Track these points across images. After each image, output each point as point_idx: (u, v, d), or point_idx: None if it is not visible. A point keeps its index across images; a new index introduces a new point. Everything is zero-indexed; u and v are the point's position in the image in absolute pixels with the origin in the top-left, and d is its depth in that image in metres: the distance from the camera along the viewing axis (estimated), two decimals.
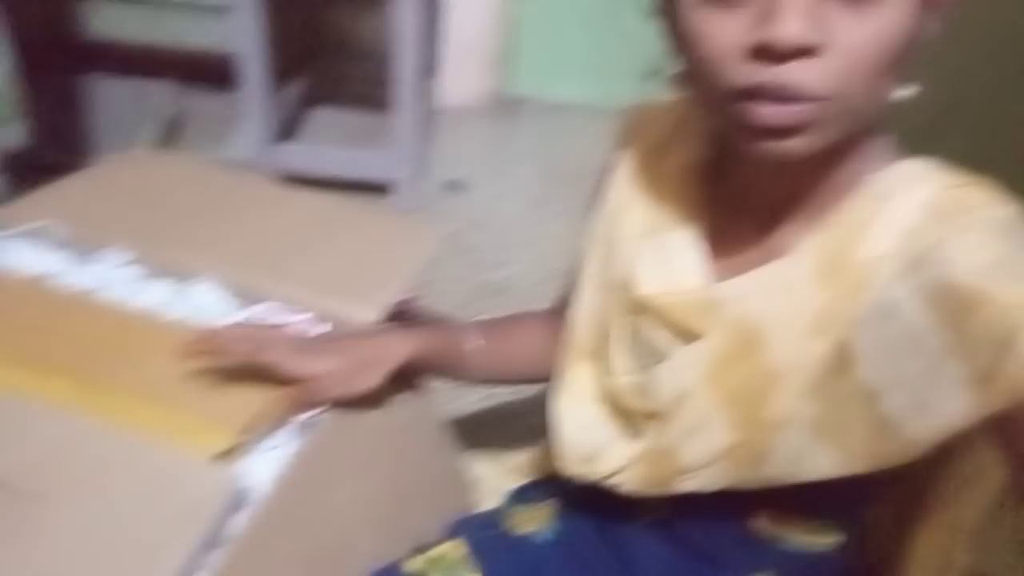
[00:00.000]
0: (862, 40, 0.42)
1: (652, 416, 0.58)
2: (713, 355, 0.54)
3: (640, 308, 0.58)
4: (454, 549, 0.64)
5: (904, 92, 0.47)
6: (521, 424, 1.06)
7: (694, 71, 0.48)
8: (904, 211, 0.49)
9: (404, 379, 0.67)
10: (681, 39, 0.48)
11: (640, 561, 0.64)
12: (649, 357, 0.59)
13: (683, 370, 0.56)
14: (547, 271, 1.40)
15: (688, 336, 0.56)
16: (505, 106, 2.14)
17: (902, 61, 0.45)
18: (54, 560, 0.46)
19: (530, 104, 2.15)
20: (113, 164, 0.93)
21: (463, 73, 2.09)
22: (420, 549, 0.64)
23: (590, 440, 0.63)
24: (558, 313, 0.71)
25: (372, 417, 0.65)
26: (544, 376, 0.71)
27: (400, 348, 0.61)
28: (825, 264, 0.50)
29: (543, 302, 1.29)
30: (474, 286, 1.37)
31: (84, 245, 0.76)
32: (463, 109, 2.08)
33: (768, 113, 0.44)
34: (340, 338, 0.61)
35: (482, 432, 1.06)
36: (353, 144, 1.79)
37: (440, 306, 1.29)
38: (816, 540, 0.59)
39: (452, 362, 0.68)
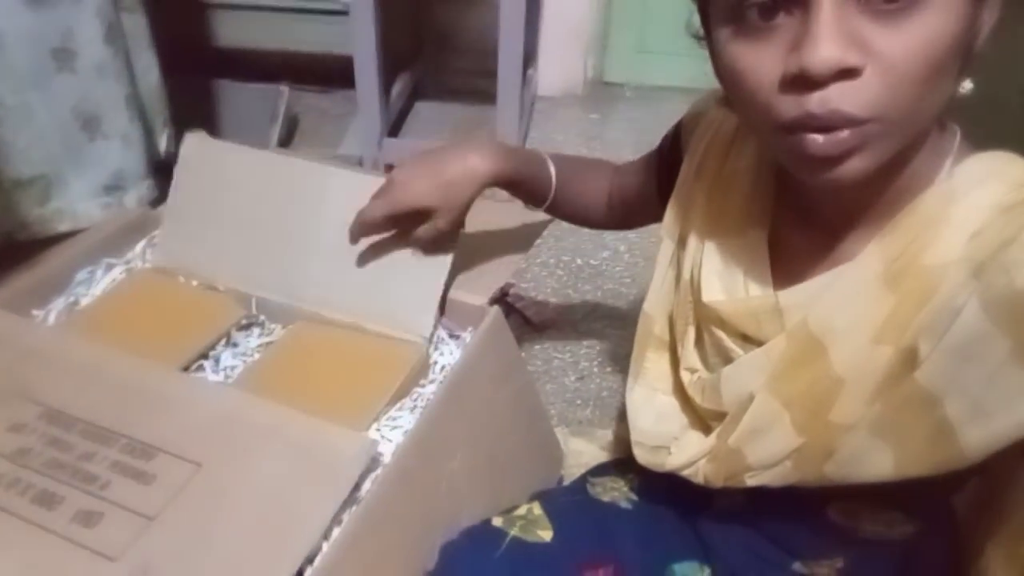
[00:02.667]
0: (903, 53, 0.40)
1: (719, 415, 0.59)
2: (777, 360, 0.54)
3: (706, 313, 0.59)
4: (531, 510, 0.68)
5: (967, 85, 0.45)
6: (614, 403, 1.12)
7: (739, 106, 0.47)
8: (973, 213, 0.47)
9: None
10: (722, 73, 0.47)
11: (715, 539, 0.66)
12: (716, 357, 0.60)
13: (748, 374, 0.56)
14: (642, 255, 1.44)
15: (754, 342, 0.56)
16: (601, 92, 2.16)
17: (955, 62, 0.43)
18: (215, 518, 0.54)
19: (626, 89, 2.17)
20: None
21: (560, 61, 2.12)
22: (505, 510, 0.68)
23: (662, 431, 0.64)
24: (620, 173, 0.80)
25: (480, 391, 0.72)
26: (596, 223, 0.85)
27: (484, 165, 0.69)
28: (891, 270, 0.49)
29: (637, 286, 1.35)
30: (570, 271, 1.42)
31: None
32: (561, 96, 2.12)
33: (818, 144, 0.42)
34: (432, 161, 0.71)
35: (578, 410, 1.13)
36: (457, 135, 1.87)
37: (537, 291, 1.36)
38: (887, 530, 0.59)
39: (530, 183, 0.75)
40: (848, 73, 0.40)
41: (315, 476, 0.57)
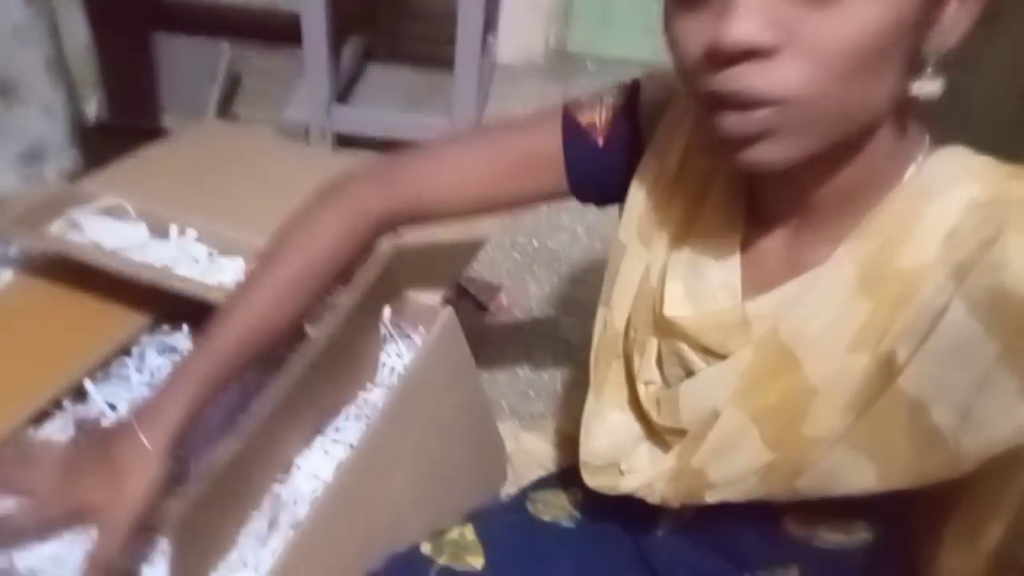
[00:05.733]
0: (827, 39, 0.39)
1: (677, 432, 0.56)
2: (745, 373, 0.51)
3: (666, 326, 0.55)
4: (463, 534, 0.64)
5: (931, 87, 0.43)
6: (575, 400, 1.09)
7: (680, 81, 0.46)
8: (948, 212, 0.45)
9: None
10: (667, 43, 0.45)
11: (661, 558, 0.63)
12: (675, 369, 0.56)
13: (710, 388, 0.53)
14: (600, 239, 1.41)
15: (717, 356, 0.53)
16: (563, 63, 2.10)
17: (895, 57, 0.41)
18: None
19: (586, 61, 2.11)
20: (182, 137, 0.97)
21: (522, 29, 2.05)
22: (436, 533, 0.64)
23: (612, 449, 0.60)
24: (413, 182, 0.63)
25: (428, 401, 0.68)
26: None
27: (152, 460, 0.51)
28: (865, 275, 0.47)
29: (594, 272, 1.31)
30: (525, 254, 1.38)
31: (157, 221, 0.80)
32: (520, 65, 2.06)
33: (730, 122, 0.42)
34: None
35: (531, 403, 1.09)
36: (412, 104, 1.80)
37: (491, 274, 1.32)
38: (846, 538, 0.57)
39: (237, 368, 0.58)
40: (762, 53, 0.39)
41: None
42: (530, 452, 0.94)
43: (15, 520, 0.51)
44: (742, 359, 0.52)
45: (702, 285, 0.54)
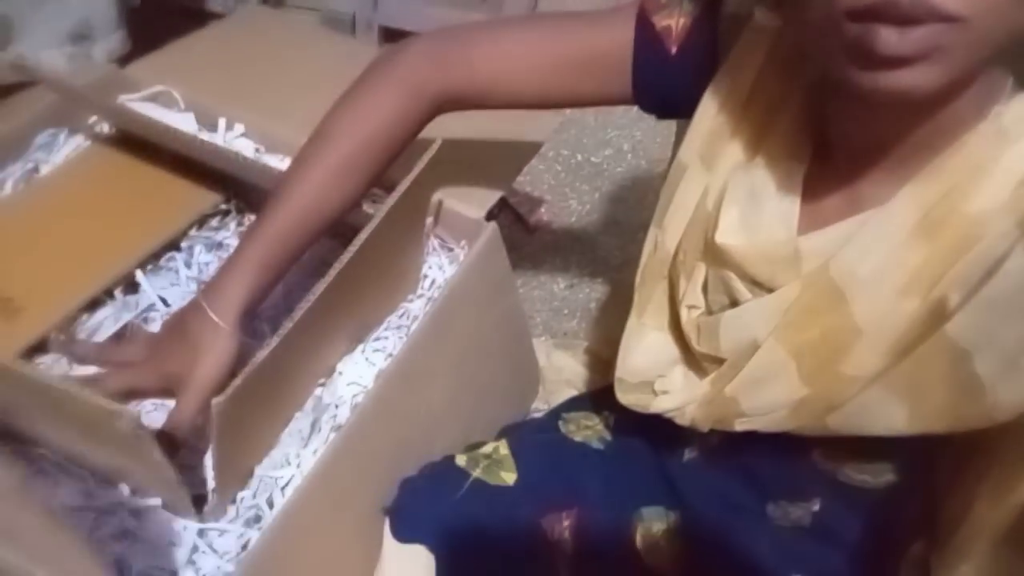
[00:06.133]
0: None
1: (717, 360, 0.56)
2: (789, 308, 0.51)
3: (717, 253, 0.54)
4: (497, 449, 0.65)
5: None
6: (610, 321, 1.09)
7: None
8: (1023, 158, 0.43)
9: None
10: None
11: (686, 482, 0.65)
12: (719, 297, 0.56)
13: (752, 320, 0.53)
14: (646, 157, 1.37)
15: (765, 287, 0.53)
16: None
17: None
18: None
19: None
20: (228, 24, 0.95)
21: None
22: (471, 446, 0.66)
23: (649, 368, 0.61)
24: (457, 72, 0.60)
25: (468, 316, 0.68)
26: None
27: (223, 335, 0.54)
28: (927, 218, 0.46)
29: (637, 191, 1.29)
30: (568, 168, 1.35)
31: (205, 113, 0.79)
32: None
33: (890, 39, 0.37)
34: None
35: (564, 320, 1.10)
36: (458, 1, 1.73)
37: (532, 187, 1.30)
38: (869, 478, 0.57)
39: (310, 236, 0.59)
40: None
41: None
42: (561, 370, 0.95)
43: (108, 385, 0.55)
44: (788, 294, 0.51)
45: (758, 215, 0.53)
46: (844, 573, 0.59)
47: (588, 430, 0.71)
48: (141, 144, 0.73)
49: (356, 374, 0.60)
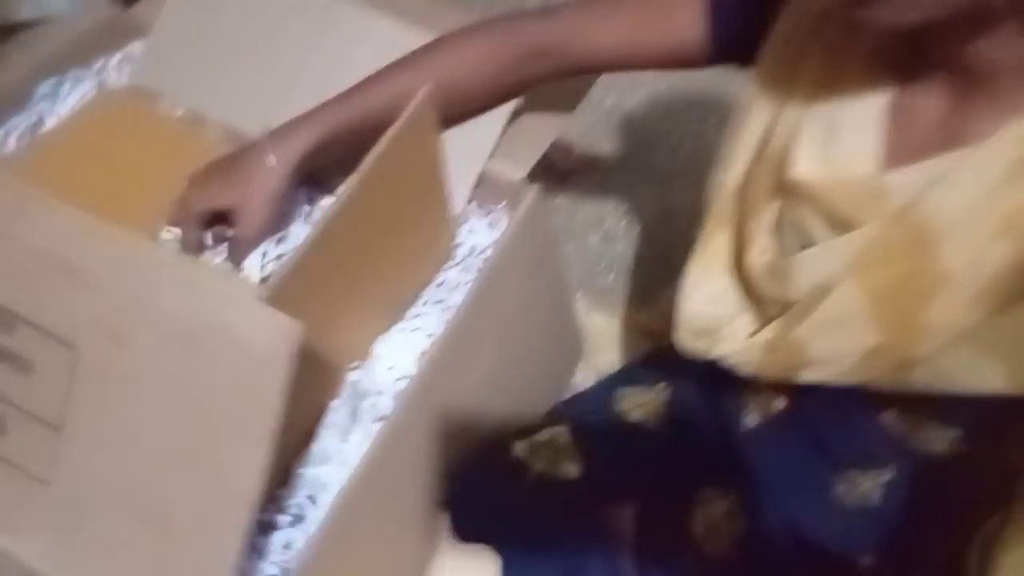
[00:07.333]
0: None
1: (785, 304, 0.54)
2: (870, 248, 0.48)
3: (792, 190, 0.51)
4: (555, 438, 0.64)
5: None
6: (638, 272, 1.04)
7: None
8: None
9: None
10: None
11: (751, 454, 0.62)
12: (792, 239, 0.53)
13: (828, 261, 0.50)
14: (685, 100, 1.29)
15: (844, 226, 0.50)
16: None
17: None
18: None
19: None
20: None
21: None
22: (524, 431, 0.64)
23: (714, 313, 0.59)
24: (508, 31, 0.61)
25: (512, 288, 0.64)
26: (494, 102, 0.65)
27: (282, 153, 0.56)
28: None
29: (674, 135, 1.22)
30: (601, 113, 1.28)
31: None
32: None
33: None
34: (225, 160, 0.60)
35: (599, 276, 1.05)
36: None
37: (565, 132, 1.23)
38: (944, 445, 0.55)
39: (373, 123, 0.55)
40: None
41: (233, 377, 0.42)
42: (600, 333, 0.91)
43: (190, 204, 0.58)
44: (869, 233, 0.48)
45: (838, 147, 0.50)
46: (913, 552, 0.56)
47: (645, 407, 0.69)
48: (152, 91, 0.68)
49: (395, 357, 0.56)
